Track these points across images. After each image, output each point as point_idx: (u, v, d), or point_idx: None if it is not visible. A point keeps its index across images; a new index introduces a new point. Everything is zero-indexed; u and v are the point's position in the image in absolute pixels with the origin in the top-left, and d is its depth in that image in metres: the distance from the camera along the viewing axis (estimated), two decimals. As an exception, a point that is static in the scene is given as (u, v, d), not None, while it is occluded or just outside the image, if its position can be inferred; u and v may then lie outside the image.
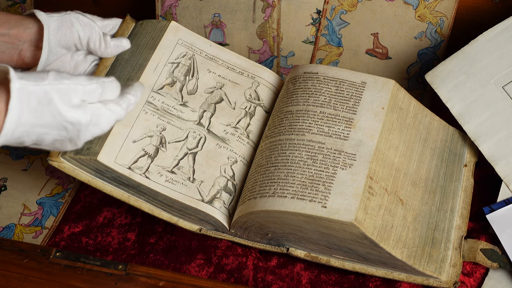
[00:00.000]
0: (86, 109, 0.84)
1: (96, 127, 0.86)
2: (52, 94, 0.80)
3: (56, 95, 0.80)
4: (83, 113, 0.83)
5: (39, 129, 0.81)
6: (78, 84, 0.83)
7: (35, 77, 0.80)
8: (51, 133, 0.82)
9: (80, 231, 1.06)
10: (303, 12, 1.18)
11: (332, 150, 0.97)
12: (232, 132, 1.04)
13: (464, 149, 1.07)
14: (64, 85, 0.81)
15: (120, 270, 0.90)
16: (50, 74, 0.81)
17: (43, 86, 0.79)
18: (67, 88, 0.81)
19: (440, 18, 1.15)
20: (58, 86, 0.81)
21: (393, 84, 1.04)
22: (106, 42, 1.02)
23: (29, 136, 0.81)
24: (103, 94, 0.86)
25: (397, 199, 0.97)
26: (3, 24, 0.97)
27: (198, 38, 1.09)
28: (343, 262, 0.98)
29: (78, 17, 0.99)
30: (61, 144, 0.85)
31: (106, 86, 0.86)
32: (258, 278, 1.00)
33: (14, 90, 0.77)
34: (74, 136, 0.84)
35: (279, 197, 0.93)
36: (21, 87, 0.78)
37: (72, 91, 0.82)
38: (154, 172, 0.97)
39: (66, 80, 0.82)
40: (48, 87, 0.80)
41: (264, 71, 1.11)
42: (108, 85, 0.86)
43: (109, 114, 0.86)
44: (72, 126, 0.83)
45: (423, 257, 0.95)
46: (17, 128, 0.79)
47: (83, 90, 0.83)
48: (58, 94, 0.80)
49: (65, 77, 0.82)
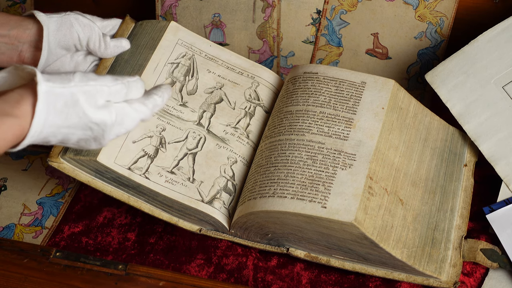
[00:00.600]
0: (111, 109, 0.84)
1: (120, 127, 0.86)
2: (78, 96, 0.80)
3: (82, 96, 0.81)
4: (108, 113, 0.83)
5: (65, 130, 0.81)
6: (104, 85, 0.83)
7: (61, 79, 0.80)
8: (76, 133, 0.83)
9: (80, 231, 1.06)
10: (303, 12, 1.18)
11: (332, 150, 0.97)
12: (232, 132, 1.04)
13: (464, 149, 1.07)
14: (90, 87, 0.82)
15: (120, 270, 0.90)
16: (76, 75, 0.81)
17: (69, 88, 0.80)
18: (93, 90, 0.82)
19: (440, 18, 1.15)
20: (84, 87, 0.81)
21: (393, 84, 1.04)
22: (106, 43, 1.02)
23: (55, 136, 0.81)
24: (128, 93, 0.86)
25: (397, 199, 0.97)
26: (2, 25, 0.97)
27: (198, 38, 1.09)
28: (343, 262, 0.98)
29: (77, 18, 0.99)
30: (85, 142, 0.85)
31: (131, 86, 0.86)
32: (258, 278, 1.00)
33: (41, 92, 0.78)
34: (99, 135, 0.85)
35: (279, 198, 0.93)
36: (48, 90, 0.78)
37: (98, 92, 0.82)
38: (154, 173, 0.97)
39: (92, 82, 0.82)
40: (75, 89, 0.80)
41: (264, 71, 1.11)
42: (133, 85, 0.87)
43: (134, 114, 0.87)
44: (97, 127, 0.83)
45: (423, 257, 0.95)
46: (44, 130, 0.79)
47: (109, 91, 0.84)
48: (84, 95, 0.81)
49: (91, 78, 0.82)
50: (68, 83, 0.80)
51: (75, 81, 0.81)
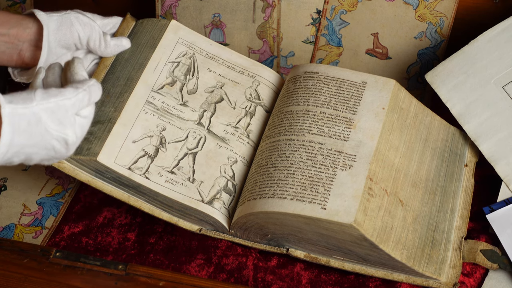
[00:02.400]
0: (75, 126, 0.85)
1: (80, 140, 0.88)
2: (40, 114, 0.81)
3: (44, 114, 0.82)
4: (72, 132, 0.85)
5: (28, 149, 0.82)
6: (64, 99, 0.84)
7: (23, 99, 0.81)
8: (40, 153, 0.84)
9: (80, 231, 1.06)
10: (303, 12, 1.17)
11: (332, 151, 0.97)
12: (232, 132, 1.04)
13: (465, 149, 1.07)
14: (51, 103, 0.82)
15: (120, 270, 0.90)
16: (37, 93, 0.82)
17: (31, 108, 0.80)
18: (54, 106, 0.82)
19: (440, 18, 1.14)
20: (46, 105, 0.82)
21: (394, 84, 1.04)
22: (106, 42, 1.02)
23: (18, 156, 0.82)
24: (90, 99, 0.87)
25: (397, 200, 0.96)
26: (3, 24, 0.97)
27: (198, 37, 1.09)
28: (343, 263, 0.98)
29: (78, 17, 0.99)
30: (48, 161, 0.87)
31: (91, 90, 0.87)
32: (258, 278, 1.00)
33: (5, 115, 0.78)
34: (62, 155, 0.86)
35: (279, 198, 0.93)
36: (10, 111, 0.79)
37: (60, 107, 0.83)
38: (154, 173, 0.97)
39: (53, 98, 0.83)
40: (36, 108, 0.81)
41: (265, 70, 1.11)
42: (92, 89, 0.87)
43: (88, 123, 0.88)
44: (60, 145, 0.84)
45: (422, 258, 0.95)
46: (9, 150, 0.80)
47: (72, 103, 0.84)
48: (46, 113, 0.82)
49: (52, 94, 0.83)
50: (30, 103, 0.80)
51: (36, 100, 0.81)
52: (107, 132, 0.96)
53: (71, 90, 0.85)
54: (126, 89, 1.01)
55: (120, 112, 0.98)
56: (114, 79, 1.02)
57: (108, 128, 0.97)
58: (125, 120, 0.98)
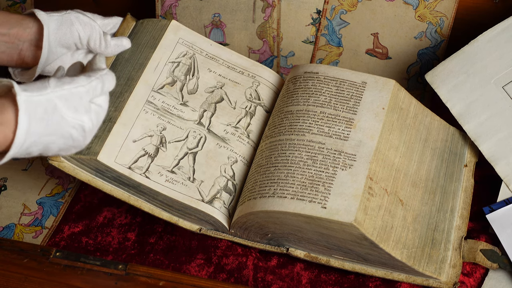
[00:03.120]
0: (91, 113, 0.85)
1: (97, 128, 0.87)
2: (55, 101, 0.81)
3: (59, 102, 0.82)
4: (88, 119, 0.85)
5: (46, 138, 0.82)
6: (78, 86, 0.84)
7: (38, 87, 0.81)
8: (57, 142, 0.83)
9: (80, 231, 1.06)
10: (303, 12, 1.17)
11: (332, 151, 0.97)
12: (233, 132, 1.04)
13: (465, 149, 1.07)
14: (65, 91, 0.82)
15: (120, 270, 0.90)
16: (51, 81, 0.82)
17: (46, 95, 0.81)
18: (68, 93, 0.83)
19: (440, 18, 1.15)
20: (60, 92, 0.82)
21: (394, 84, 1.04)
22: (107, 41, 1.02)
23: (37, 145, 0.82)
24: (103, 87, 0.87)
25: (397, 199, 0.96)
26: (3, 24, 0.97)
27: (198, 38, 1.09)
28: (343, 262, 0.98)
29: (78, 16, 0.99)
30: (66, 152, 0.86)
31: (104, 79, 0.87)
32: (258, 278, 1.00)
33: (21, 102, 0.79)
34: (80, 143, 0.86)
35: (279, 198, 0.93)
36: (26, 99, 0.79)
37: (74, 94, 0.83)
38: (154, 172, 0.97)
39: (67, 86, 0.83)
40: (51, 95, 0.81)
41: (265, 71, 1.11)
42: (105, 78, 0.87)
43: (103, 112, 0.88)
44: (77, 132, 0.84)
45: (422, 257, 0.95)
46: (27, 139, 0.80)
47: (86, 90, 0.84)
48: (61, 100, 0.82)
49: (66, 82, 0.83)
50: (44, 90, 0.81)
51: (50, 87, 0.81)
52: (107, 132, 0.96)
53: (83, 78, 0.85)
54: (126, 89, 1.01)
55: (120, 111, 0.98)
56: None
57: (109, 127, 0.97)
58: (125, 120, 0.98)
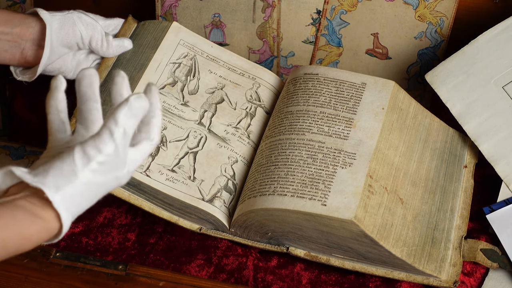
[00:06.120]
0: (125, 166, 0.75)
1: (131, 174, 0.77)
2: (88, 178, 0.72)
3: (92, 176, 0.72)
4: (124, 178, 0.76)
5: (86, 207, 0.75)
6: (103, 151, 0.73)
7: (66, 176, 0.71)
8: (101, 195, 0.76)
9: (80, 231, 1.06)
10: (303, 12, 1.18)
11: (332, 149, 0.97)
12: (233, 132, 1.05)
13: (464, 151, 1.07)
14: (94, 165, 0.72)
15: (120, 270, 0.90)
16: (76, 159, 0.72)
17: (78, 182, 0.72)
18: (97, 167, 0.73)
19: (440, 18, 1.15)
20: (90, 169, 0.72)
21: (393, 85, 1.04)
22: (108, 42, 1.02)
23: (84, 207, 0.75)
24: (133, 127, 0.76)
25: (397, 198, 0.97)
26: (6, 23, 0.98)
27: (199, 39, 1.09)
28: (343, 261, 0.98)
29: (80, 17, 1.00)
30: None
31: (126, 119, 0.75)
32: (258, 278, 1.00)
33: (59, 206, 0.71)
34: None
35: (279, 195, 0.93)
36: (61, 199, 0.71)
37: (105, 163, 0.73)
38: (155, 171, 0.97)
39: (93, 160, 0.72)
40: (83, 179, 0.72)
41: (265, 73, 1.11)
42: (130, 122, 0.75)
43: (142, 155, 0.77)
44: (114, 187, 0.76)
45: (423, 256, 0.95)
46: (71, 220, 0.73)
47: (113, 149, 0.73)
48: (93, 174, 0.72)
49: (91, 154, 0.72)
50: (75, 179, 0.71)
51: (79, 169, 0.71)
52: None
53: (106, 136, 0.73)
54: (127, 89, 1.01)
55: (121, 110, 0.98)
56: (115, 79, 1.02)
57: (109, 126, 0.97)
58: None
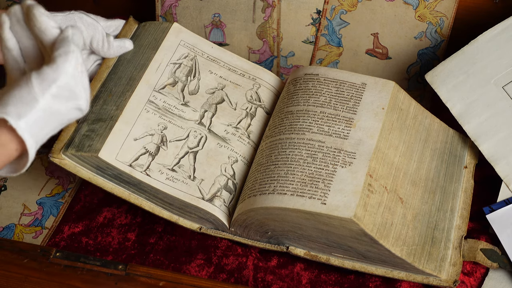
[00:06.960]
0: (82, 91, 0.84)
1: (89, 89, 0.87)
2: (49, 105, 0.80)
3: (53, 103, 0.81)
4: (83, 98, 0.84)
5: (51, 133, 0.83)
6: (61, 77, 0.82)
7: (26, 103, 0.79)
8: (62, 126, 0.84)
9: (80, 231, 1.06)
10: (303, 12, 1.18)
11: (332, 149, 0.97)
12: (233, 132, 1.05)
13: (464, 151, 1.07)
14: (53, 89, 0.81)
15: (120, 270, 0.90)
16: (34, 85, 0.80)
17: (39, 107, 0.79)
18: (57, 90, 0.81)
19: (440, 18, 1.15)
20: (49, 94, 0.81)
21: (393, 85, 1.04)
22: (109, 43, 1.02)
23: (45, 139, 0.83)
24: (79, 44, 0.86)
25: (397, 197, 0.97)
26: None
27: (200, 40, 1.09)
28: (343, 260, 0.98)
29: (81, 17, 1.00)
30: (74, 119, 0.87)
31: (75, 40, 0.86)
32: (258, 278, 1.00)
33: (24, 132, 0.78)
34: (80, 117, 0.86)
35: (279, 194, 0.93)
36: (25, 126, 0.78)
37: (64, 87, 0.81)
38: (155, 170, 0.97)
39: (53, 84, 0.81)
40: (44, 104, 0.80)
41: (265, 73, 1.11)
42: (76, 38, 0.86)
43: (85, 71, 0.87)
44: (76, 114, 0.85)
45: (422, 255, 0.95)
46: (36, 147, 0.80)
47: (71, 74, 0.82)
48: (53, 100, 0.81)
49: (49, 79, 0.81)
50: (36, 103, 0.79)
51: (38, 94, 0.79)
52: (108, 130, 0.96)
53: (62, 61, 0.82)
54: (128, 88, 1.01)
55: (122, 110, 0.99)
56: (116, 79, 1.02)
57: (110, 125, 0.97)
58: (126, 118, 0.98)
